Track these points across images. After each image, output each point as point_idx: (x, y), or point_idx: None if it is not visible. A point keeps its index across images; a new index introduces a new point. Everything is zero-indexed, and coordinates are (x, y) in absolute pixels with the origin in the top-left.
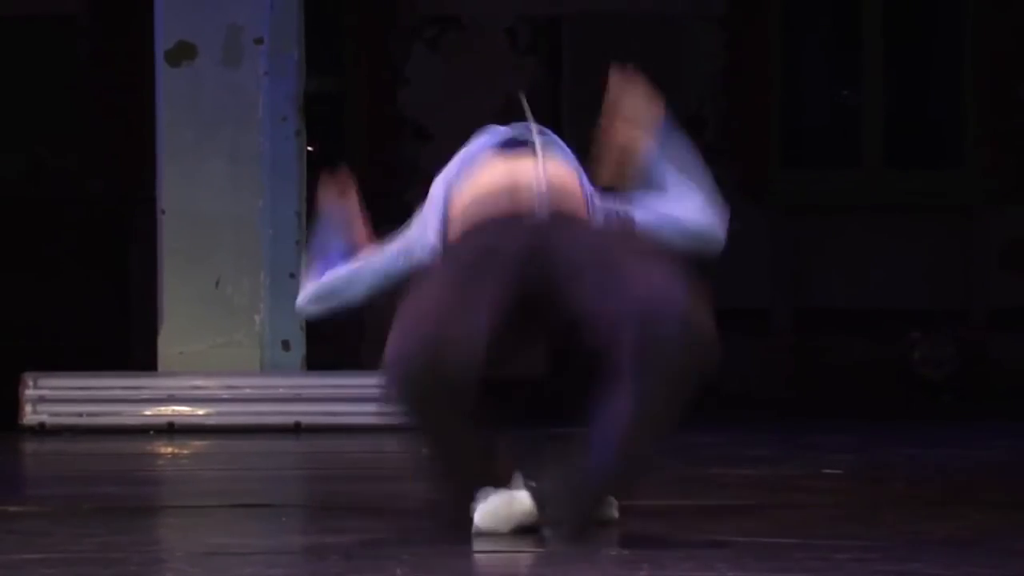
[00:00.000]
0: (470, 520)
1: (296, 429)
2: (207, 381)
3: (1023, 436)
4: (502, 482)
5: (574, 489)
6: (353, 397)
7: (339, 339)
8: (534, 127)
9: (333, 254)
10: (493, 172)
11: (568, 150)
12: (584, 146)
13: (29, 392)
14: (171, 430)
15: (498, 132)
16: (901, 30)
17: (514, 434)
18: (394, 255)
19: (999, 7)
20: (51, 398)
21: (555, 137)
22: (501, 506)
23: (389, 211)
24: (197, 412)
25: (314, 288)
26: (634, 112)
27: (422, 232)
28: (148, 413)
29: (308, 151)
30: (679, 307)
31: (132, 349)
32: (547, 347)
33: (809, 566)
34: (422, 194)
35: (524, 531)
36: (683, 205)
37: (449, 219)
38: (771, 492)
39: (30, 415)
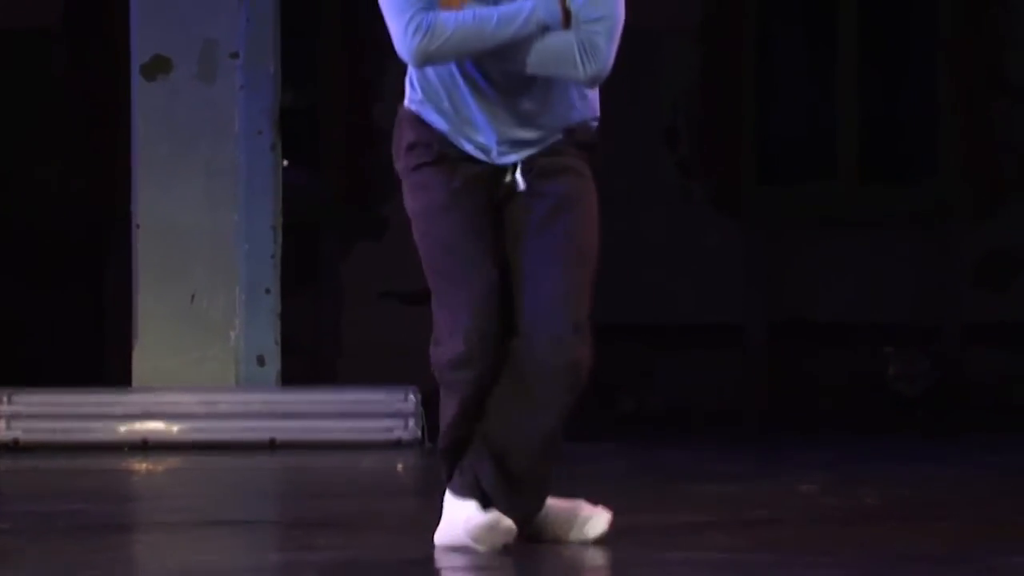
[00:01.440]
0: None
1: (271, 445)
2: (181, 397)
3: (998, 452)
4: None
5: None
6: (329, 413)
7: (314, 353)
8: None
9: None
10: None
11: None
12: None
13: (3, 408)
14: (145, 447)
15: None
16: (876, 44)
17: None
18: None
19: (972, 23)
20: (25, 414)
21: None
22: (489, 524)
23: (365, 225)
24: (172, 429)
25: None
26: None
27: None
28: (123, 430)
29: (284, 165)
30: (561, 338)
31: (107, 363)
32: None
33: None
34: (397, 209)
35: (504, 550)
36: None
37: None
38: (746, 508)
39: (4, 431)
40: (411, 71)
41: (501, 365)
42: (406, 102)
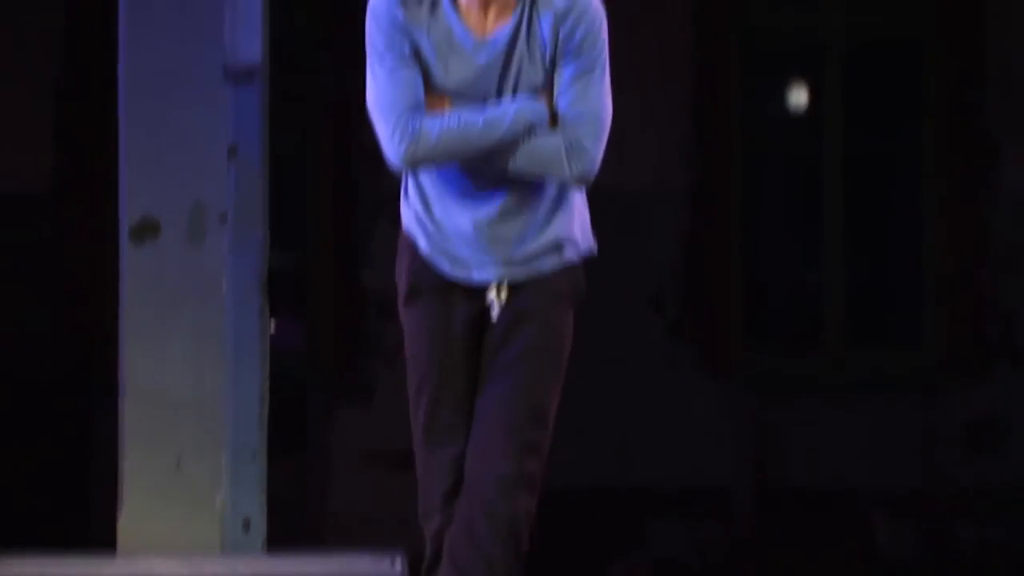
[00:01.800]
0: None
1: None
2: (167, 564)
3: None
4: None
5: None
6: None
7: (300, 517)
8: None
9: None
10: None
11: None
12: None
13: None
14: None
15: None
16: (862, 209)
17: None
18: None
19: (956, 193)
20: None
21: None
22: None
23: (353, 387)
24: None
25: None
26: None
27: None
28: None
29: (271, 327)
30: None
31: (92, 525)
32: None
33: None
34: (385, 371)
35: None
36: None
37: None
38: None
39: None
40: (404, 179)
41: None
42: (402, 216)
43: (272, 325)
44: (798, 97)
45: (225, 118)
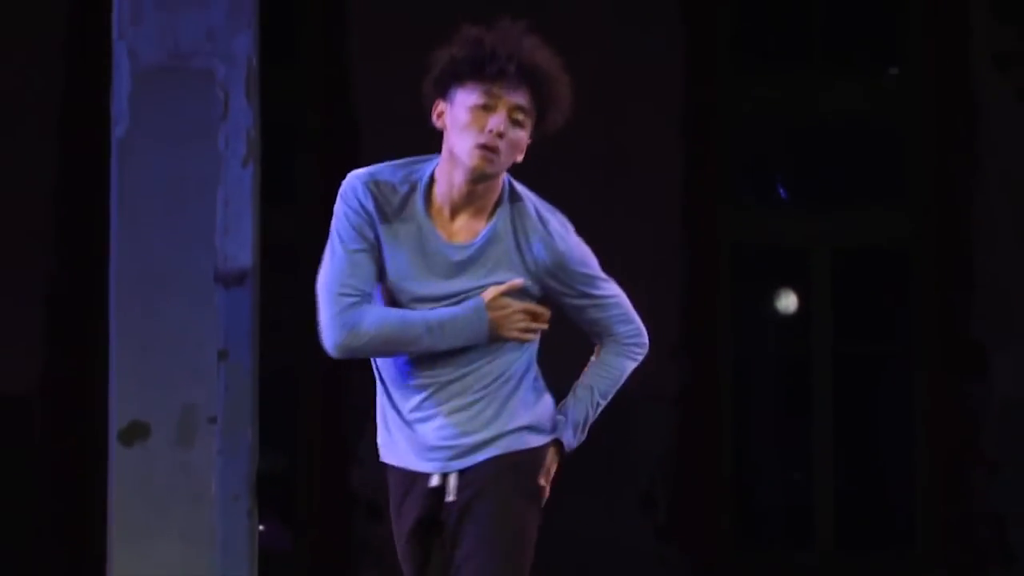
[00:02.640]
0: None
1: None
2: None
3: None
4: None
5: None
6: None
7: None
8: None
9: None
10: None
11: None
12: None
13: None
14: None
15: None
16: (851, 412)
17: None
18: None
19: (947, 396)
20: None
21: None
22: None
23: None
24: None
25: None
26: None
27: None
28: None
29: (260, 531)
30: None
31: None
32: None
33: None
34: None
35: None
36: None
37: None
38: None
39: None
40: None
41: None
42: None
43: (261, 527)
44: (787, 300)
45: (216, 321)
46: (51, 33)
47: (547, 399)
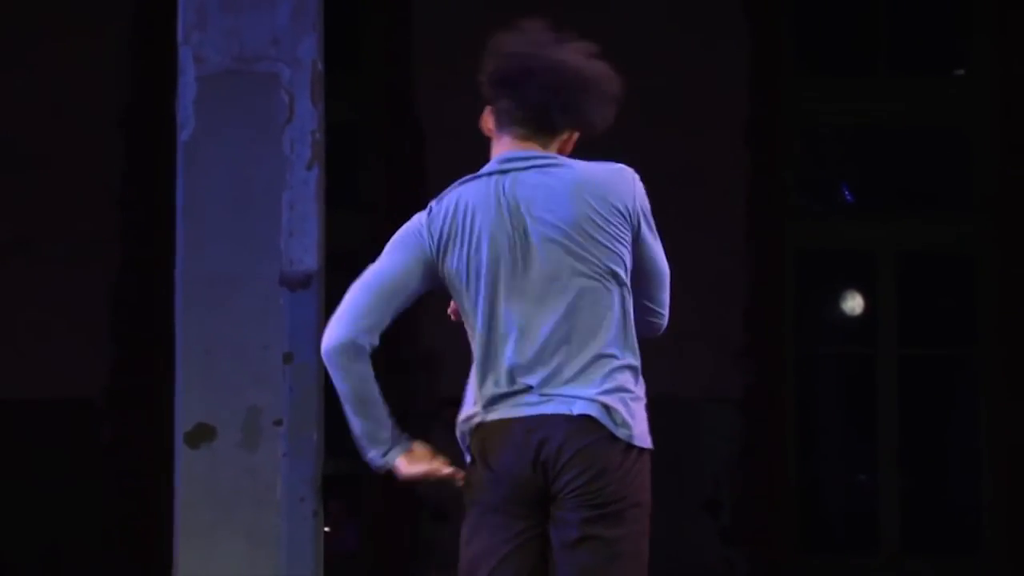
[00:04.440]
0: None
1: None
2: None
3: None
4: None
5: None
6: None
7: None
8: None
9: None
10: None
11: None
12: None
13: None
14: None
15: None
16: (917, 415)
17: None
18: None
19: (1014, 391)
20: None
21: None
22: None
23: None
24: None
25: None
26: None
27: None
28: None
29: (325, 532)
30: None
31: None
32: None
33: None
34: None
35: None
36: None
37: None
38: None
39: None
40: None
41: None
42: None
43: (326, 529)
44: (852, 301)
45: (281, 324)
46: (117, 39)
47: None
